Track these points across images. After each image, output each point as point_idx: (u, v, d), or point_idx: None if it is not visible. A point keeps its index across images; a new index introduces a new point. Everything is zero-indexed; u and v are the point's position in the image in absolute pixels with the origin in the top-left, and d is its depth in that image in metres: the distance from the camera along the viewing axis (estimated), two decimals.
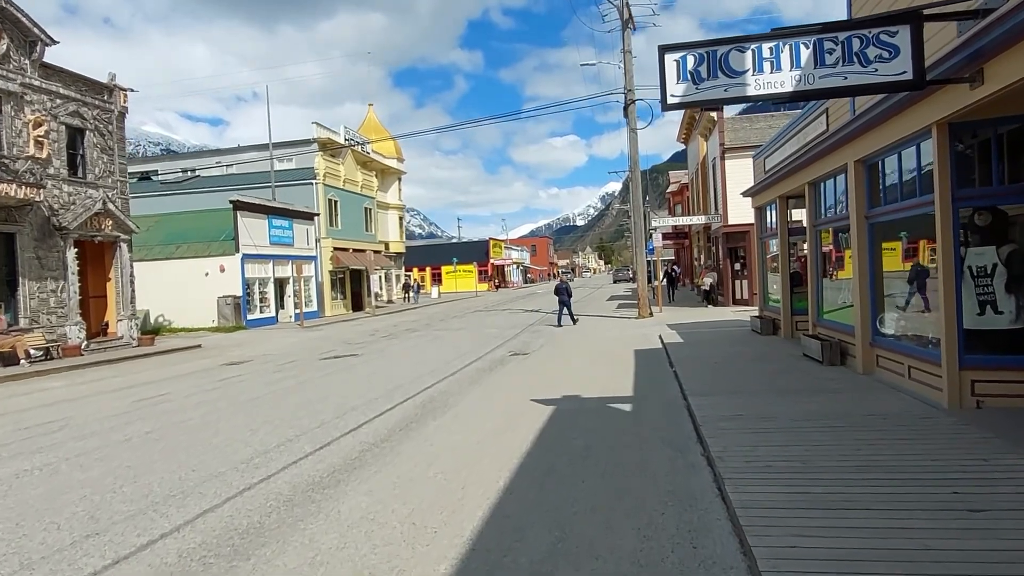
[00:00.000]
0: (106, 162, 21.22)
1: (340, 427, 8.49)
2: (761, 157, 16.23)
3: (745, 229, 24.67)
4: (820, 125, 11.27)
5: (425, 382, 12.10)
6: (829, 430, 6.60)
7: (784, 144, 13.97)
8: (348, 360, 16.30)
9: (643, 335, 18.54)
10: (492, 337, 20.37)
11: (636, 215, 23.35)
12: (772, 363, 11.34)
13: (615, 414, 8.61)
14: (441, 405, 9.79)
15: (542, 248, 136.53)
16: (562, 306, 22.91)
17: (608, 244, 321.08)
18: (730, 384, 9.53)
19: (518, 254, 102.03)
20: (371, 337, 22.76)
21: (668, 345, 15.05)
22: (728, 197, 24.83)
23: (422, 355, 16.63)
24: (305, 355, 17.99)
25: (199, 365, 17.06)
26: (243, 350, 20.31)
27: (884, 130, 8.38)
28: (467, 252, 77.08)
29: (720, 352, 13.17)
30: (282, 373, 14.42)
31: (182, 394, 12.06)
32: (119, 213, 21.08)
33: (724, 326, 19.01)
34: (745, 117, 26.18)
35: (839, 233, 11.66)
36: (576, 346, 16.97)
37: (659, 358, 13.74)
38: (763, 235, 16.92)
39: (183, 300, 28.44)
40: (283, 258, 31.39)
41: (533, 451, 6.91)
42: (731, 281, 26.06)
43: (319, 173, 36.13)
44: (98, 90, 21.01)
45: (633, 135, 23.70)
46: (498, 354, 16.15)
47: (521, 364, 14.11)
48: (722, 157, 24.95)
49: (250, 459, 7.10)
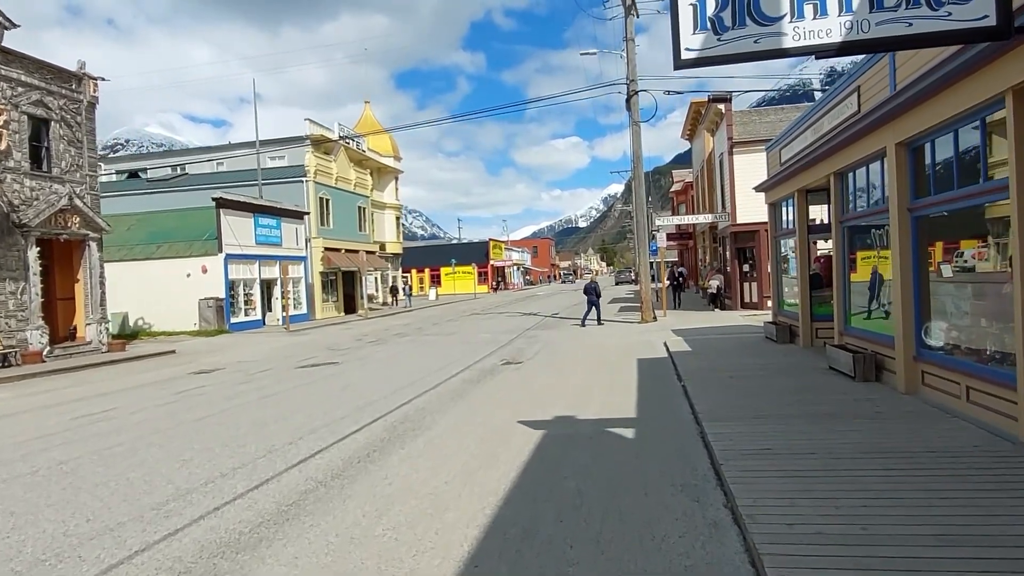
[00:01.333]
0: (74, 155, 19.89)
1: (288, 457, 7.13)
2: (776, 148, 14.86)
3: (755, 228, 23.29)
4: (850, 106, 9.91)
5: (403, 397, 10.75)
6: (884, 474, 5.23)
7: (804, 132, 12.60)
8: (325, 369, 14.96)
9: (647, 342, 17.16)
10: (484, 343, 19.01)
11: (639, 213, 21.98)
12: (795, 377, 9.96)
13: (615, 443, 7.24)
14: (414, 428, 8.43)
15: (543, 249, 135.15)
16: (590, 306, 23.04)
17: (610, 246, 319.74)
18: (750, 404, 8.15)
19: (519, 255, 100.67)
20: (357, 343, 21.42)
21: (675, 354, 13.67)
22: (737, 194, 23.44)
23: (406, 364, 15.29)
24: (282, 363, 16.65)
25: (165, 374, 15.74)
26: (218, 356, 18.98)
27: (937, 104, 7.00)
28: (466, 253, 75.75)
29: (733, 363, 11.79)
30: (250, 384, 13.07)
31: (129, 409, 10.71)
32: (87, 210, 19.75)
33: (734, 332, 17.63)
34: (755, 110, 24.80)
35: (855, 232, 10.31)
36: (573, 354, 15.61)
37: (665, 369, 12.36)
38: (778, 233, 15.55)
39: (164, 302, 27.13)
40: (270, 258, 30.06)
41: (513, 497, 5.55)
42: (739, 283, 24.66)
43: (310, 170, 34.81)
44: (65, 78, 19.69)
45: (636, 129, 22.35)
46: (489, 363, 14.80)
47: (512, 375, 12.75)
48: (730, 152, 23.56)
49: (163, 504, 5.75)
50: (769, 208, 15.79)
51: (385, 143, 56.23)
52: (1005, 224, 6.13)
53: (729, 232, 24.57)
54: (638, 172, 22.16)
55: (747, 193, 23.06)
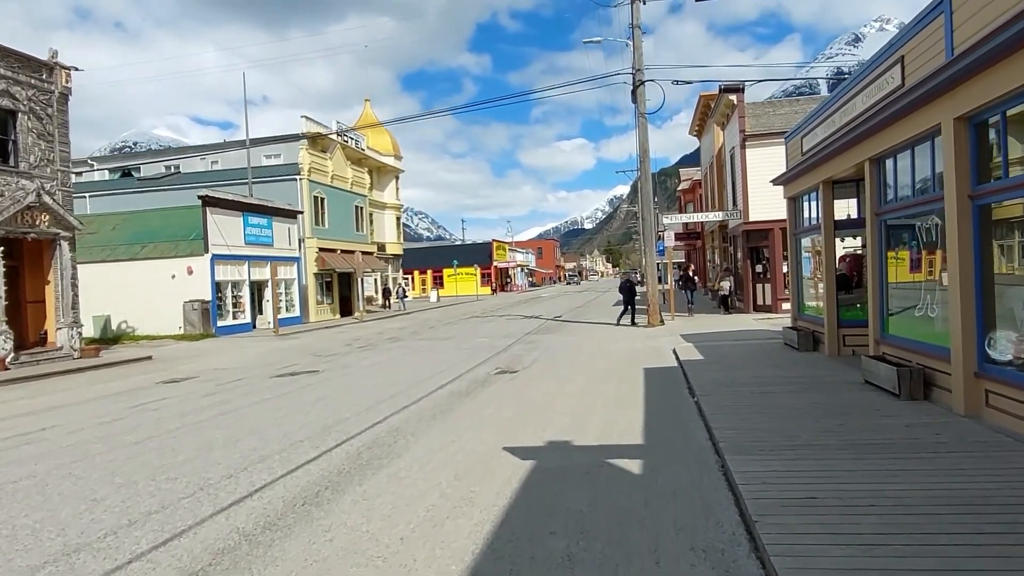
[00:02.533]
0: (44, 149, 18.70)
1: (220, 497, 5.86)
2: (797, 136, 13.52)
3: (768, 226, 21.95)
4: (891, 80, 8.58)
5: (379, 413, 9.48)
6: (976, 535, 3.92)
7: (830, 116, 11.27)
8: (304, 379, 13.70)
9: (654, 348, 15.85)
10: (480, 349, 17.73)
11: (645, 210, 20.66)
12: (827, 393, 8.63)
13: (618, 481, 5.94)
14: (381, 455, 7.15)
15: (548, 251, 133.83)
16: (625, 305, 22.29)
17: (616, 247, 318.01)
18: (779, 429, 6.83)
19: (523, 256, 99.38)
20: (346, 348, 20.17)
21: (685, 363, 12.35)
22: (749, 191, 22.10)
23: (392, 372, 14.02)
24: (259, 370, 15.41)
25: (132, 383, 14.51)
26: (195, 363, 17.75)
27: (1010, 67, 5.69)
28: (469, 254, 74.52)
29: (753, 375, 10.47)
30: (215, 397, 11.82)
31: (69, 428, 9.47)
32: (57, 207, 18.55)
33: (748, 338, 16.29)
34: (768, 102, 23.46)
35: (894, 227, 8.98)
36: (574, 362, 14.31)
37: (675, 381, 11.05)
38: (798, 230, 14.21)
39: (148, 305, 25.94)
40: (260, 259, 28.84)
41: (482, 566, 4.26)
42: (752, 285, 23.30)
43: (303, 168, 33.58)
44: (35, 68, 18.50)
45: (642, 120, 21.03)
46: (482, 372, 13.52)
47: (505, 387, 11.45)
48: (742, 146, 22.22)
49: (36, 570, 4.48)
50: (788, 203, 14.46)
51: (385, 142, 55.07)
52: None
53: (741, 231, 23.22)
54: (645, 166, 20.84)
55: (760, 189, 21.73)
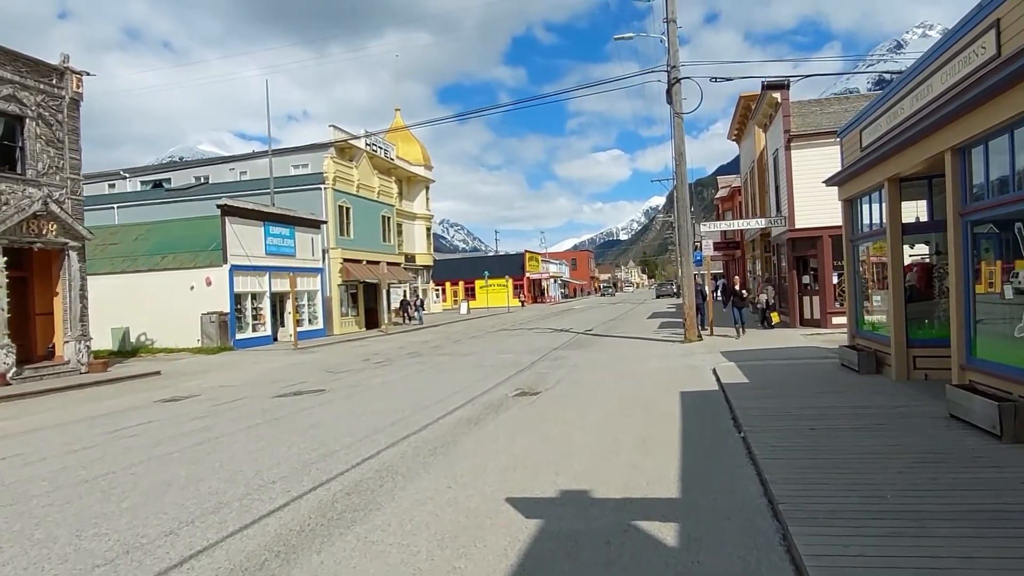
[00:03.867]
0: (53, 156, 18.08)
1: (144, 566, 4.65)
2: (854, 130, 11.96)
3: (816, 233, 20.22)
4: (981, 51, 7.07)
5: (374, 445, 8.26)
6: None
7: (897, 103, 9.74)
8: (306, 400, 12.57)
9: (691, 368, 14.33)
10: (502, 366, 16.43)
11: (681, 216, 19.14)
12: (906, 432, 7.08)
13: (646, 560, 4.55)
14: (359, 506, 5.89)
15: (582, 262, 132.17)
16: (698, 312, 21.15)
17: (652, 258, 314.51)
18: (856, 484, 5.36)
19: (556, 268, 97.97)
20: (363, 363, 19.08)
21: (728, 387, 10.84)
22: (795, 195, 20.41)
23: (402, 393, 12.80)
24: (264, 389, 14.37)
25: (128, 402, 13.60)
26: (203, 379, 16.84)
27: None
28: (501, 265, 73.40)
29: (810, 404, 8.93)
30: (203, 421, 10.75)
31: (29, 458, 8.44)
32: (65, 216, 17.89)
33: (798, 356, 14.66)
34: (815, 101, 21.77)
35: (982, 227, 7.43)
36: (602, 383, 12.90)
37: (717, 409, 9.57)
38: (855, 236, 12.59)
39: (167, 317, 25.29)
40: (282, 270, 28.05)
41: None
42: (798, 297, 21.54)
43: (328, 177, 32.85)
44: (44, 72, 17.93)
45: (678, 121, 19.57)
46: (499, 393, 12.22)
47: (521, 414, 10.12)
48: (787, 147, 20.56)
49: None
50: (844, 206, 12.86)
51: (416, 152, 54.43)
52: None
53: (785, 239, 21.51)
54: (681, 170, 19.34)
55: (807, 194, 20.09)
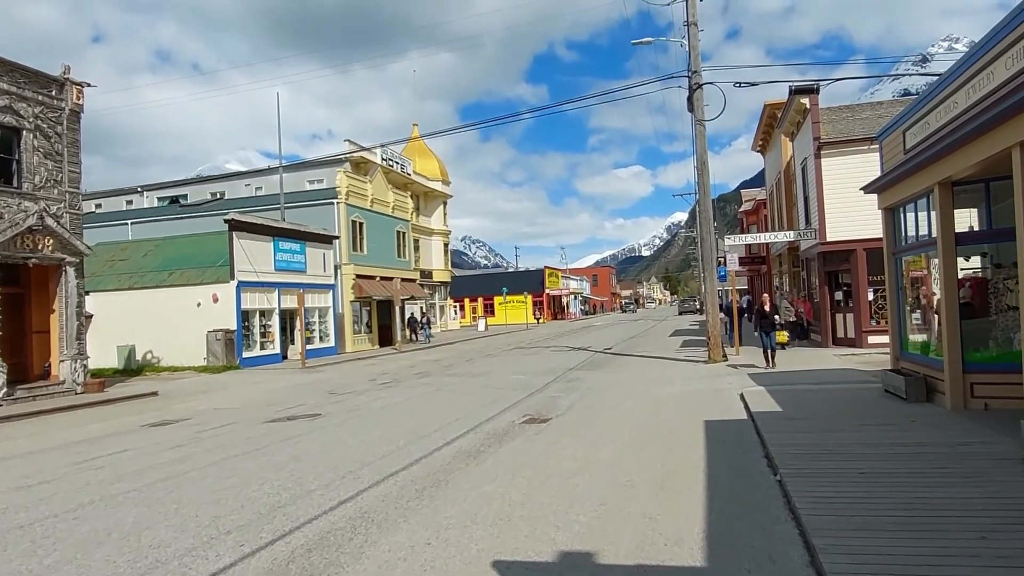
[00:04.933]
0: (51, 169, 17.55)
1: None
2: (896, 130, 10.82)
3: (849, 247, 18.96)
4: None
5: (355, 484, 7.29)
6: None
7: (951, 96, 8.63)
8: (298, 425, 11.65)
9: (716, 392, 13.17)
10: (512, 389, 15.40)
11: (704, 228, 18.02)
12: (980, 481, 5.91)
13: None
14: (318, 569, 4.89)
15: (603, 278, 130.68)
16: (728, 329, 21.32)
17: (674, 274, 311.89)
18: (928, 556, 4.24)
19: (577, 284, 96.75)
20: (368, 384, 18.17)
21: (758, 416, 9.69)
22: (826, 206, 19.18)
23: (401, 419, 11.82)
24: (257, 413, 13.49)
25: (114, 426, 12.82)
26: (200, 401, 16.05)
27: None
28: (521, 282, 72.49)
29: (855, 438, 7.77)
30: (180, 450, 9.87)
31: None
32: (62, 230, 17.28)
33: (833, 380, 13.42)
34: (845, 107, 20.60)
35: None
36: (618, 409, 11.79)
37: (746, 444, 8.43)
38: (899, 248, 11.41)
39: (174, 334, 24.68)
40: (292, 286, 27.32)
41: None
42: (830, 315, 20.22)
43: (341, 191, 32.24)
44: (43, 83, 17.45)
45: (700, 128, 18.53)
46: (505, 420, 11.19)
47: (526, 445, 9.06)
48: (817, 155, 19.37)
49: None
50: (884, 215, 11.69)
51: (433, 167, 53.90)
52: None
53: (816, 252, 20.24)
54: (703, 179, 18.24)
55: (839, 204, 18.90)
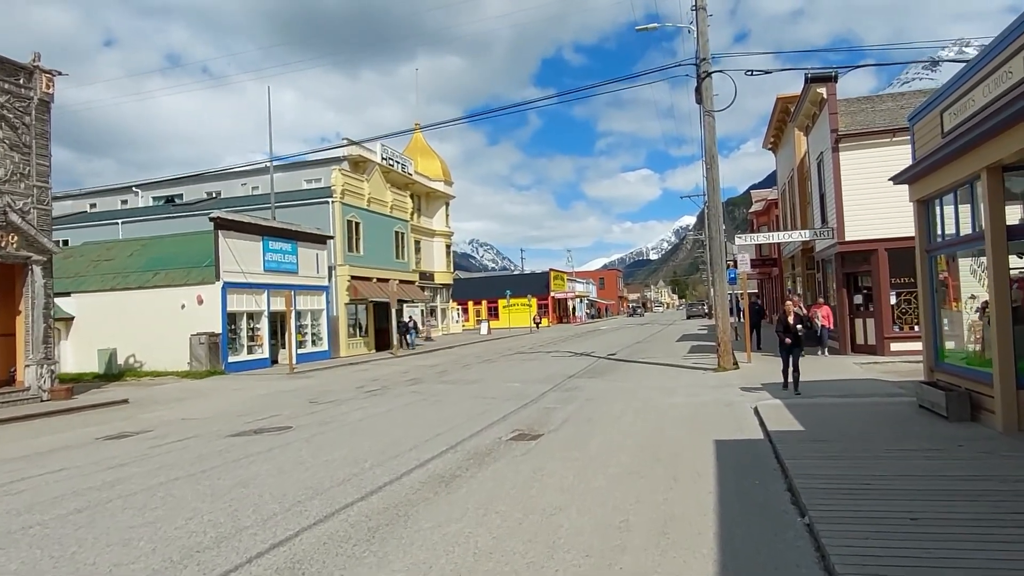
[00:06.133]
0: (17, 162, 16.50)
1: None
2: (933, 111, 9.58)
3: (870, 247, 17.68)
4: None
5: (301, 519, 6.13)
6: None
7: (1001, 66, 7.40)
8: (261, 441, 10.50)
9: (727, 406, 11.93)
10: (505, 398, 14.21)
11: (713, 224, 16.76)
12: None
13: None
14: None
15: (611, 281, 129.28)
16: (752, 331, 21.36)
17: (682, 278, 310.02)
18: None
19: (583, 287, 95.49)
20: (355, 391, 17.03)
21: (777, 436, 8.46)
22: (845, 204, 17.91)
23: (378, 434, 10.65)
24: (226, 424, 12.36)
25: (65, 439, 11.72)
26: (171, 410, 14.93)
27: None
28: (525, 284, 71.25)
29: (897, 470, 6.53)
30: (123, 470, 8.73)
31: None
32: (28, 227, 16.23)
33: (857, 392, 12.16)
34: (864, 98, 19.32)
35: None
36: (617, 424, 10.58)
37: (764, 472, 7.19)
38: (934, 245, 10.16)
39: (157, 337, 23.60)
40: (282, 287, 26.19)
41: None
42: (849, 320, 18.92)
43: (336, 190, 31.15)
44: (8, 71, 16.42)
45: (709, 120, 17.31)
46: (491, 436, 10.01)
47: (509, 469, 7.87)
48: (835, 148, 18.10)
49: None
50: (917, 208, 10.45)
51: (435, 167, 52.86)
52: None
53: (834, 253, 18.96)
54: (712, 175, 17.01)
55: (859, 201, 17.66)
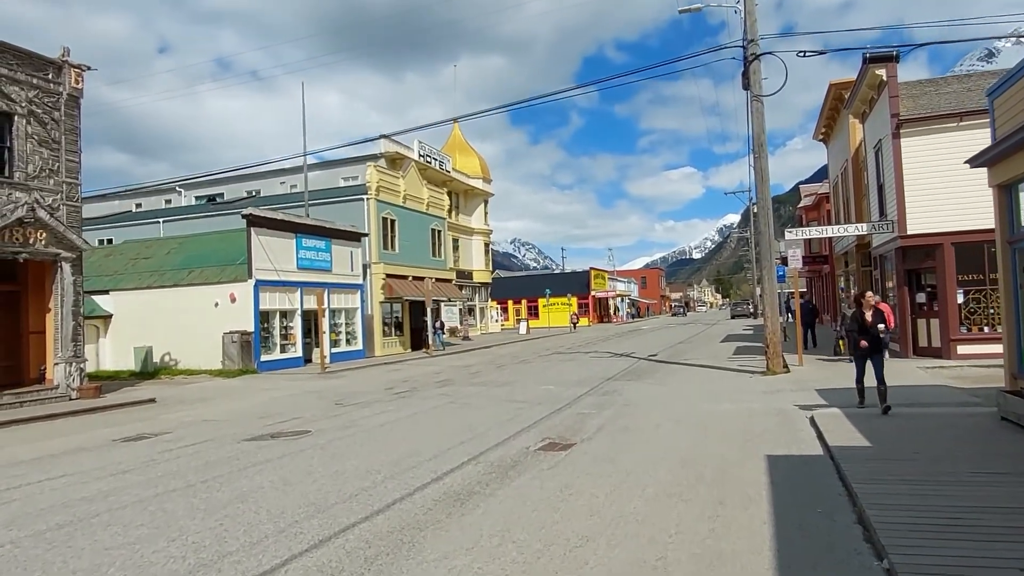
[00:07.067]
0: (46, 158, 16.38)
1: None
2: (1019, 81, 8.40)
3: (935, 241, 16.28)
4: None
5: (294, 543, 5.45)
6: None
7: None
8: (274, 447, 9.91)
9: (778, 414, 10.87)
10: (537, 402, 13.39)
11: (761, 218, 15.61)
12: None
13: None
14: None
15: (652, 280, 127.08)
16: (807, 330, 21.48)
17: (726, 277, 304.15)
18: None
19: (624, 286, 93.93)
20: (383, 393, 16.45)
21: (839, 453, 7.43)
22: (907, 194, 16.53)
23: (397, 441, 9.96)
24: (243, 427, 11.86)
25: (80, 440, 11.38)
26: (194, 410, 14.58)
27: None
28: (565, 283, 70.28)
29: (993, 501, 5.48)
30: (124, 478, 8.23)
31: None
32: (56, 223, 16.08)
33: (925, 400, 10.96)
34: (928, 80, 17.88)
35: None
36: (656, 433, 9.65)
37: (828, 499, 6.19)
38: (1018, 236, 8.96)
39: (192, 335, 23.51)
40: (316, 285, 25.86)
41: None
42: (911, 320, 17.51)
43: (371, 187, 30.75)
44: (37, 66, 16.30)
45: (757, 105, 16.16)
46: (518, 445, 9.22)
47: (534, 486, 7.05)
48: (895, 134, 16.73)
49: None
50: (998, 194, 9.25)
51: (474, 164, 52.31)
52: None
53: (894, 248, 17.56)
54: (760, 164, 15.86)
55: (922, 191, 16.32)
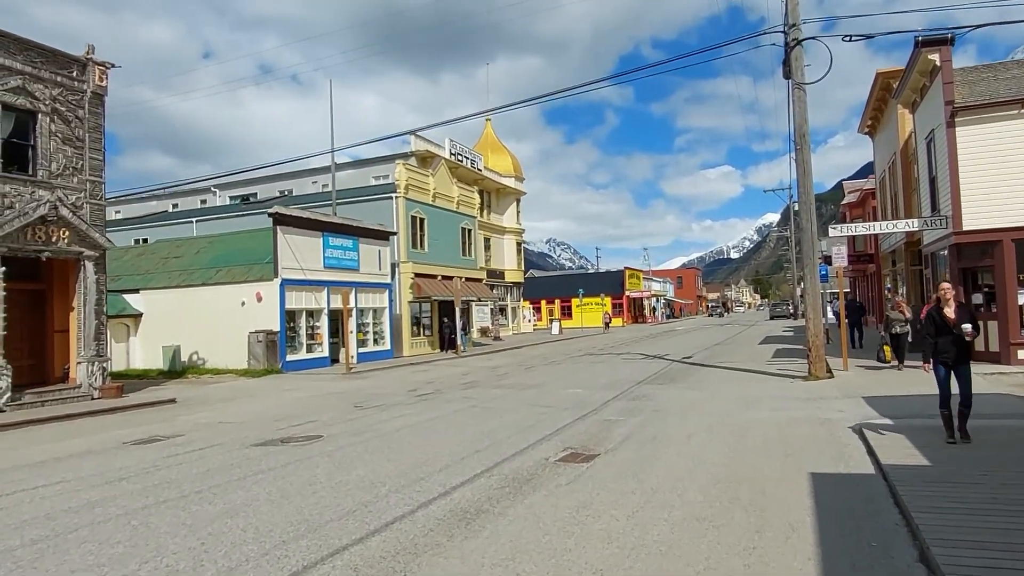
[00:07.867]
0: (70, 156, 16.29)
1: None
2: None
3: (993, 237, 15.11)
4: None
5: (276, 568, 4.94)
6: None
7: None
8: (282, 454, 9.45)
9: (822, 424, 10.00)
10: (563, 407, 12.72)
11: (803, 213, 14.60)
12: None
13: None
14: None
15: (689, 280, 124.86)
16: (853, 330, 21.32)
17: (764, 277, 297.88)
18: None
19: (659, 286, 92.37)
20: (404, 395, 15.97)
21: (894, 472, 6.61)
22: (962, 187, 15.39)
23: (410, 448, 9.41)
24: (256, 431, 11.46)
25: (92, 442, 11.11)
26: (213, 411, 14.30)
27: None
28: (599, 283, 69.23)
29: None
30: (118, 486, 7.83)
31: None
32: (79, 222, 15.97)
33: (987, 412, 9.90)
34: (985, 66, 16.68)
35: None
36: (688, 444, 8.90)
37: (883, 529, 5.41)
38: None
39: (219, 334, 23.42)
40: (343, 284, 25.57)
41: None
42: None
43: (400, 185, 30.39)
44: (61, 63, 16.22)
45: (799, 94, 15.21)
46: (538, 455, 8.58)
47: (550, 504, 6.39)
48: (950, 123, 15.58)
49: None
50: None
51: (506, 162, 51.75)
52: None
53: (947, 246, 16.39)
54: (803, 155, 14.89)
55: (980, 184, 15.21)
